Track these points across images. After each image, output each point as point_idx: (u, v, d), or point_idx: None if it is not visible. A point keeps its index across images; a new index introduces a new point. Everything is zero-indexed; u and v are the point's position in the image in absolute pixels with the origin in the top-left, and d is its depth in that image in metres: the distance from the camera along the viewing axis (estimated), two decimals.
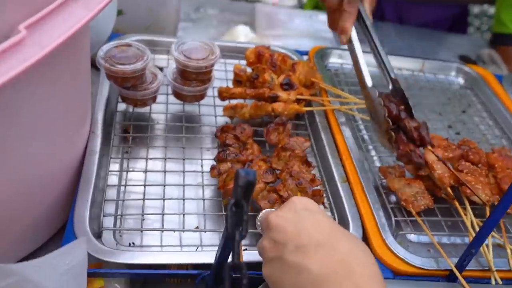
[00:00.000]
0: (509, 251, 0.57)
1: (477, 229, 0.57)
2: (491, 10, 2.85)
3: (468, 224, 0.58)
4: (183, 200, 0.58)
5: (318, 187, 0.59)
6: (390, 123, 0.61)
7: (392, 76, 0.66)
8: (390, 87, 0.67)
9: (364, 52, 0.69)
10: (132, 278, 0.51)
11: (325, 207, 0.61)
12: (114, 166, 0.62)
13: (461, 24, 1.36)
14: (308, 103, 0.74)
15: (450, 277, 0.54)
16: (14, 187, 0.47)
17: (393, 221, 0.59)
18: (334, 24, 0.71)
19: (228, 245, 0.39)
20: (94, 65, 0.61)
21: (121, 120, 0.68)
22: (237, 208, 0.34)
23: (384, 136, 0.63)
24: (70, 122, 0.54)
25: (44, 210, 0.53)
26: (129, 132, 0.66)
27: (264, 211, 0.52)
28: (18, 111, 0.42)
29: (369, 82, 0.66)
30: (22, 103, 0.42)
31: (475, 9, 2.92)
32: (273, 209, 0.51)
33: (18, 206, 0.49)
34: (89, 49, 0.56)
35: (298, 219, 0.39)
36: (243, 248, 0.52)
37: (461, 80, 0.94)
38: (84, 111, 0.59)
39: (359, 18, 0.70)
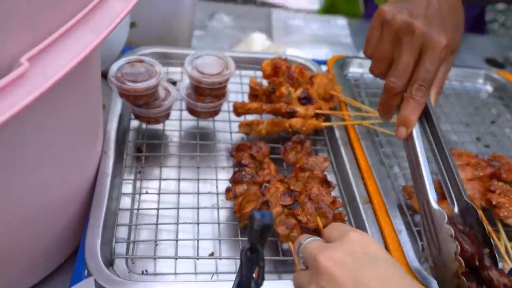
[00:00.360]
0: None
1: None
2: None
3: (502, 250, 0.54)
4: (198, 224, 0.56)
5: (340, 209, 0.56)
6: (463, 265, 0.43)
7: (466, 197, 0.48)
8: (456, 209, 0.49)
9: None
10: None
11: None
12: (127, 188, 0.60)
13: (480, 25, 1.30)
14: (328, 117, 0.71)
15: None
16: (23, 216, 0.45)
17: (420, 246, 0.56)
18: (389, 109, 0.56)
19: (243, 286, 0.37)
20: (106, 77, 0.60)
21: (134, 138, 0.66)
22: (252, 253, 0.31)
23: (451, 280, 0.44)
24: (81, 145, 0.52)
25: (54, 236, 0.52)
26: (142, 150, 0.65)
27: (308, 239, 0.40)
28: (24, 143, 0.40)
29: (434, 200, 0.48)
30: (27, 134, 0.40)
31: (500, 5, 2.82)
32: (317, 238, 0.40)
33: (27, 234, 0.48)
34: (100, 67, 0.54)
35: (357, 268, 0.32)
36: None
37: (489, 88, 0.89)
38: (95, 131, 0.57)
39: None
